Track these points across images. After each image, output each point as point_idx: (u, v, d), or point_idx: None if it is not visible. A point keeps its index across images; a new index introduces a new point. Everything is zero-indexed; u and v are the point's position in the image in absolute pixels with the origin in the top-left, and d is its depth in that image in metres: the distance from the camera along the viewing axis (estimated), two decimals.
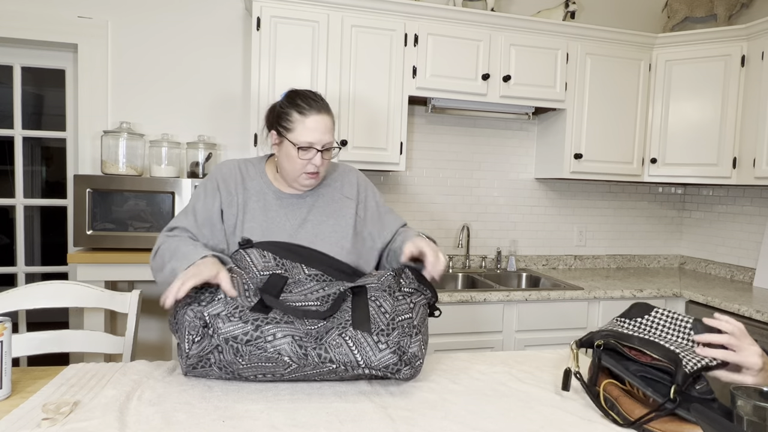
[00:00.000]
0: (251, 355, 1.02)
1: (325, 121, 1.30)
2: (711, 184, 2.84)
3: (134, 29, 2.41)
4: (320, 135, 1.29)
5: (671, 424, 0.89)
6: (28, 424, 0.87)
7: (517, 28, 2.51)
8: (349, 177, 1.45)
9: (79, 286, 1.45)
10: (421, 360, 1.10)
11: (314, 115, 1.29)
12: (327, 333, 1.06)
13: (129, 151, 2.24)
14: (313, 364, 1.03)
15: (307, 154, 1.29)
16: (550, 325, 2.36)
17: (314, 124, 1.28)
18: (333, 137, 1.33)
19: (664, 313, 1.11)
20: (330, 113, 1.33)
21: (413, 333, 1.09)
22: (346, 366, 1.04)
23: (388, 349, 1.06)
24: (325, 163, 1.33)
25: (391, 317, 1.10)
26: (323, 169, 1.33)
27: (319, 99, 1.33)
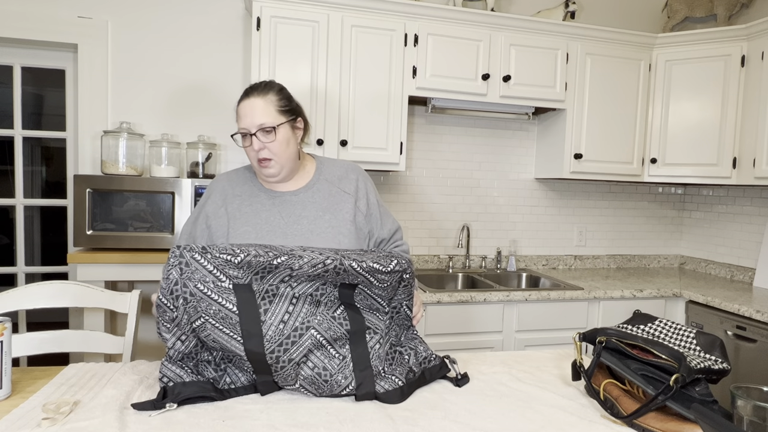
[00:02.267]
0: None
1: (253, 104, 1.26)
2: (711, 184, 2.84)
3: (134, 29, 2.41)
4: (249, 119, 1.26)
5: (671, 424, 0.89)
6: (28, 423, 0.87)
7: (517, 28, 2.51)
8: (349, 173, 1.41)
9: (79, 286, 1.45)
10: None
11: (244, 101, 1.28)
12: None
13: (129, 151, 2.24)
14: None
15: (245, 141, 1.28)
16: (550, 325, 2.36)
17: (243, 110, 1.28)
18: (269, 118, 1.26)
19: (666, 323, 1.11)
20: (264, 94, 1.28)
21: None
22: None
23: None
24: (274, 146, 1.26)
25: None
26: (276, 153, 1.27)
27: (258, 85, 1.30)
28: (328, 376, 1.06)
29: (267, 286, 1.06)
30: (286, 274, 1.06)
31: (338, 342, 1.09)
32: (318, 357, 1.07)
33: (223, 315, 1.02)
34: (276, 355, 1.03)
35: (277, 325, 1.05)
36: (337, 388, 1.06)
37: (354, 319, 1.12)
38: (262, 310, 1.04)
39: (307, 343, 1.06)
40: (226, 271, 1.03)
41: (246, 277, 1.04)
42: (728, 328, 2.24)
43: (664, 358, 0.94)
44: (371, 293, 1.14)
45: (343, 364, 1.07)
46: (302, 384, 1.06)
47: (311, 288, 1.09)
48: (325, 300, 1.11)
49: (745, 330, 2.16)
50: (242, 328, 1.02)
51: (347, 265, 1.08)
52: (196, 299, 1.01)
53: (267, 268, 1.04)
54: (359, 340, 1.11)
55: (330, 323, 1.09)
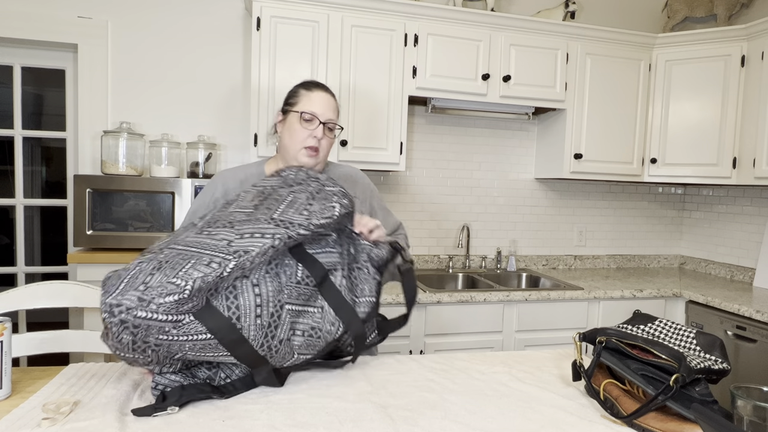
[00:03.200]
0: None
1: (329, 99, 1.36)
2: (711, 184, 2.84)
3: (134, 29, 2.41)
4: (324, 108, 1.33)
5: (671, 424, 0.89)
6: (28, 423, 0.87)
7: (517, 28, 2.51)
8: (352, 175, 1.47)
9: (79, 286, 1.45)
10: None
11: (319, 91, 1.36)
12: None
13: (129, 151, 2.24)
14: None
15: (310, 124, 1.32)
16: (550, 325, 2.36)
17: (319, 98, 1.34)
18: (337, 119, 1.37)
19: (666, 323, 1.11)
20: (335, 97, 1.39)
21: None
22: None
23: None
24: (326, 142, 1.35)
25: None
26: (324, 149, 1.35)
27: (326, 86, 1.40)
28: (318, 332, 1.06)
29: (224, 292, 0.96)
30: (238, 276, 0.98)
31: (312, 299, 1.08)
32: (302, 322, 1.06)
33: (200, 346, 0.94)
34: (267, 344, 1.01)
35: (254, 322, 0.99)
36: (330, 336, 1.06)
37: (315, 271, 1.09)
38: (235, 319, 0.96)
39: (288, 318, 1.04)
40: (180, 311, 0.89)
41: (201, 300, 0.92)
42: (728, 328, 2.24)
43: (664, 358, 0.94)
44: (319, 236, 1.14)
45: (324, 314, 1.08)
46: (300, 353, 1.05)
47: (264, 267, 1.02)
48: (282, 268, 1.05)
49: (745, 330, 2.16)
50: (225, 345, 0.96)
51: (295, 235, 1.03)
52: (165, 346, 0.91)
53: (218, 281, 0.93)
54: (328, 287, 1.10)
55: (297, 290, 1.06)
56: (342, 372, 1.18)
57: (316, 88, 1.36)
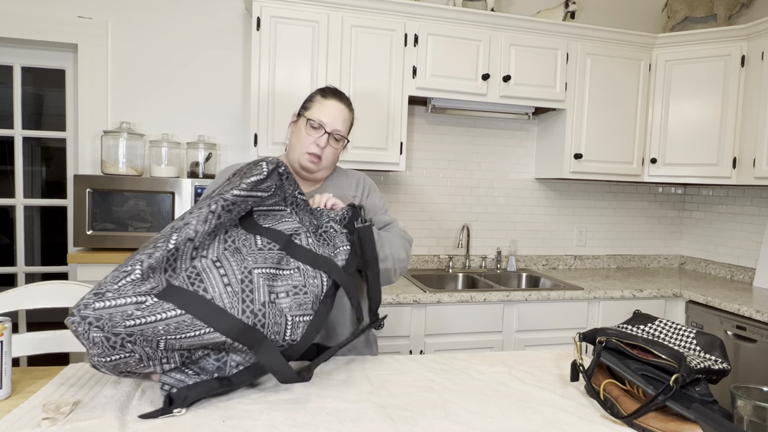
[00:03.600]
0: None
1: (341, 109, 1.37)
2: (711, 184, 2.84)
3: (134, 29, 2.41)
4: (333, 118, 1.35)
5: (671, 424, 0.89)
6: (28, 423, 0.87)
7: (517, 28, 2.51)
8: (356, 178, 1.50)
9: (79, 286, 1.45)
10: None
11: (333, 100, 1.37)
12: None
13: (129, 151, 2.24)
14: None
15: (315, 132, 1.34)
16: (550, 325, 2.36)
17: (331, 107, 1.36)
18: (345, 130, 1.39)
19: (666, 323, 1.11)
20: (350, 108, 1.41)
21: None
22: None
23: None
24: (329, 152, 1.36)
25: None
26: (327, 157, 1.36)
27: (344, 95, 1.41)
28: (302, 288, 1.06)
29: (184, 273, 0.96)
30: (190, 251, 0.97)
31: (282, 261, 1.08)
32: (281, 284, 1.05)
33: (174, 326, 0.90)
34: (249, 310, 0.97)
35: (224, 291, 0.96)
36: (317, 288, 1.07)
37: (275, 237, 1.10)
38: (202, 292, 0.95)
39: (261, 281, 1.02)
40: (139, 292, 0.89)
41: (160, 281, 0.92)
42: (728, 328, 2.24)
43: (664, 358, 0.94)
44: (267, 207, 1.14)
45: (303, 272, 1.08)
46: (293, 315, 1.03)
47: (221, 244, 1.03)
48: (240, 242, 1.06)
49: (745, 330, 2.16)
50: (201, 320, 0.92)
51: (230, 197, 1.03)
52: (137, 334, 0.88)
53: (169, 259, 0.94)
54: (294, 248, 1.11)
55: (261, 255, 1.06)
56: (342, 372, 1.18)
57: (332, 97, 1.37)
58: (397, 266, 1.33)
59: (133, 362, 0.93)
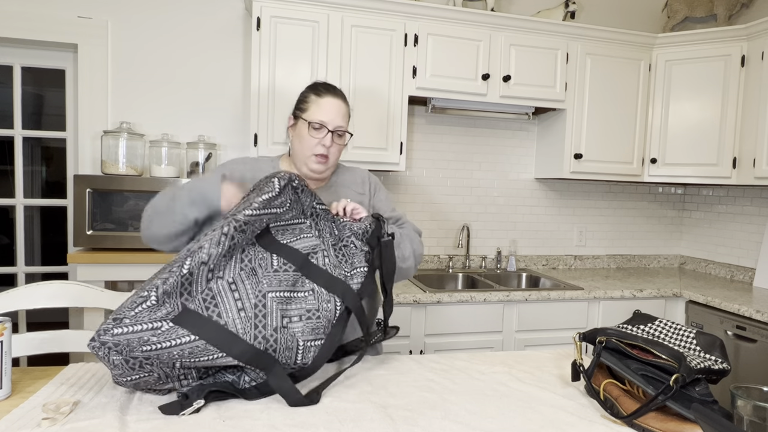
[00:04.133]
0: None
1: (339, 105, 1.36)
2: (711, 184, 2.84)
3: (134, 29, 2.41)
4: (333, 116, 1.34)
5: (671, 424, 0.89)
6: (28, 423, 0.87)
7: (517, 28, 2.51)
8: (362, 176, 1.49)
9: (79, 286, 1.45)
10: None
11: (329, 97, 1.36)
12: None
13: (129, 151, 2.24)
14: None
15: (318, 133, 1.33)
16: (550, 325, 2.36)
17: (328, 105, 1.34)
18: (346, 124, 1.38)
19: (666, 324, 1.11)
20: (346, 102, 1.39)
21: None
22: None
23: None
24: (335, 149, 1.36)
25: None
26: (333, 155, 1.36)
27: (339, 90, 1.40)
28: (316, 312, 1.05)
29: (200, 296, 0.97)
30: (205, 274, 0.98)
31: (298, 284, 1.07)
32: (294, 307, 1.04)
33: (189, 351, 0.93)
34: (261, 336, 0.98)
35: (237, 316, 0.98)
36: (330, 314, 1.07)
37: (292, 257, 1.08)
38: (216, 317, 0.96)
39: (275, 305, 1.02)
40: (155, 318, 0.91)
41: (176, 305, 0.94)
42: (728, 328, 2.24)
43: (664, 358, 0.94)
44: (285, 221, 1.12)
45: (317, 296, 1.07)
46: (305, 339, 1.03)
47: (237, 264, 1.03)
48: (257, 262, 1.05)
49: (745, 330, 2.16)
50: (214, 344, 0.94)
51: (242, 218, 1.02)
52: (154, 358, 0.92)
53: (184, 284, 0.95)
54: (310, 268, 1.09)
55: (276, 277, 1.05)
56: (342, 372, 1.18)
57: (327, 94, 1.36)
58: (418, 261, 1.38)
59: (153, 380, 0.97)
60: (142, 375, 0.94)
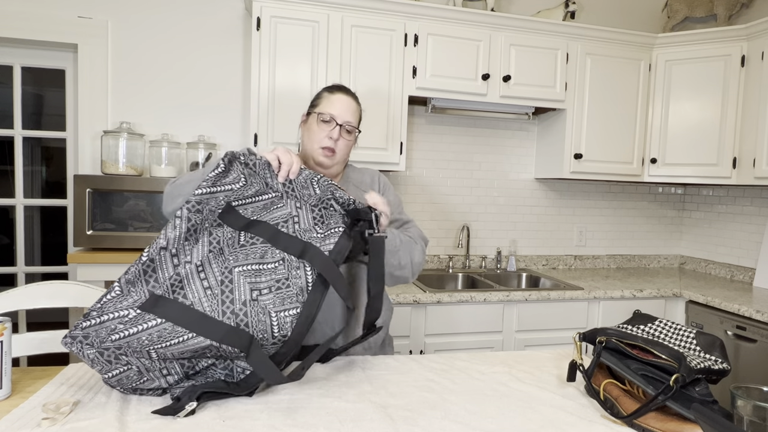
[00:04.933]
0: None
1: (349, 102, 1.39)
2: (711, 184, 2.84)
3: (134, 29, 2.41)
4: (342, 111, 1.36)
5: (671, 424, 0.89)
6: (28, 423, 0.87)
7: (517, 28, 2.51)
8: (371, 175, 1.51)
9: (79, 286, 1.45)
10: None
11: (340, 94, 1.39)
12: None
13: (129, 151, 2.24)
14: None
15: (327, 126, 1.36)
16: (550, 325, 2.36)
17: (339, 101, 1.38)
18: (356, 122, 1.40)
19: (666, 324, 1.11)
20: (357, 102, 1.42)
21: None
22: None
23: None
24: (343, 144, 1.37)
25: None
26: (341, 150, 1.37)
27: (351, 90, 1.44)
28: (285, 281, 1.02)
29: (168, 282, 0.96)
30: (169, 259, 0.97)
31: (267, 255, 1.03)
32: (264, 279, 1.01)
33: (157, 334, 0.92)
34: (230, 310, 0.96)
35: (204, 295, 0.96)
36: (300, 280, 1.02)
37: (261, 230, 1.05)
38: (182, 299, 0.95)
39: (242, 279, 0.99)
40: (121, 307, 0.93)
41: (143, 294, 0.94)
42: (728, 328, 2.24)
43: (664, 358, 0.94)
44: (251, 197, 1.09)
45: (287, 265, 1.04)
46: (278, 310, 0.99)
47: (205, 247, 1.01)
48: (225, 242, 1.03)
49: (745, 330, 2.16)
50: (181, 326, 0.93)
51: (193, 198, 1.01)
52: (125, 347, 0.92)
53: (147, 271, 0.95)
54: (280, 238, 1.06)
55: (243, 251, 1.03)
56: (342, 372, 1.18)
57: (339, 91, 1.40)
58: (415, 270, 1.36)
59: (134, 375, 0.95)
60: (121, 369, 0.94)
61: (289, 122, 2.25)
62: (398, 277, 1.34)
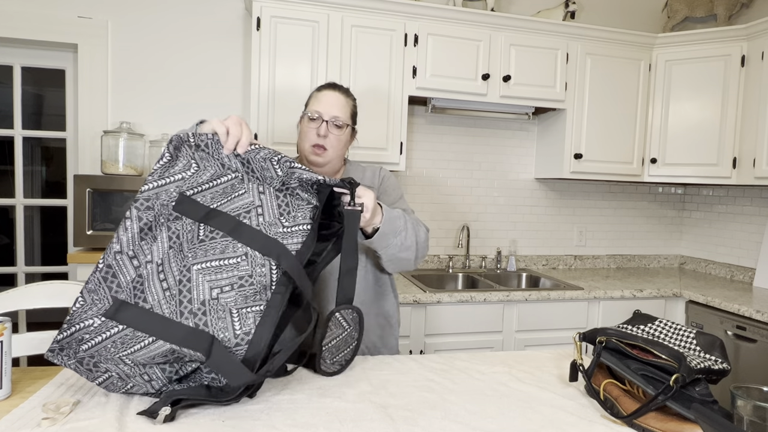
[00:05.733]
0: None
1: (336, 97, 1.39)
2: (711, 184, 2.84)
3: (134, 29, 2.41)
4: (329, 107, 1.37)
5: (671, 424, 0.89)
6: (28, 423, 0.87)
7: (517, 28, 2.51)
8: (373, 171, 1.50)
9: (79, 286, 1.45)
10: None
11: (327, 90, 1.40)
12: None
13: (129, 151, 2.24)
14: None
15: (314, 123, 1.36)
16: (550, 325, 2.36)
17: (326, 97, 1.38)
18: (345, 116, 1.39)
19: (666, 324, 1.11)
20: (348, 96, 1.42)
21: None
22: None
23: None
24: (333, 140, 1.37)
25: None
26: (331, 146, 1.37)
27: (341, 85, 1.44)
28: (248, 278, 0.96)
29: (131, 285, 0.94)
30: (128, 262, 0.95)
31: (228, 249, 0.97)
32: (225, 276, 0.95)
33: (120, 341, 0.91)
34: (188, 310, 0.93)
35: (163, 296, 0.93)
36: (264, 278, 0.97)
37: (220, 222, 0.99)
38: (142, 302, 0.93)
39: (200, 278, 0.95)
40: (85, 317, 0.92)
41: (106, 300, 0.93)
42: (728, 328, 2.24)
43: (664, 358, 0.95)
44: (207, 183, 1.02)
45: (251, 261, 0.97)
46: (240, 308, 0.94)
47: (165, 243, 0.96)
48: (184, 236, 0.97)
49: (745, 330, 2.16)
50: (141, 331, 0.91)
51: (140, 196, 0.97)
52: (96, 355, 0.92)
53: (107, 278, 0.93)
54: (242, 231, 0.99)
55: (203, 247, 0.97)
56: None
57: (326, 89, 1.41)
58: (420, 254, 1.33)
59: (118, 382, 0.96)
60: (103, 377, 0.94)
61: (290, 122, 2.25)
62: (402, 259, 1.30)
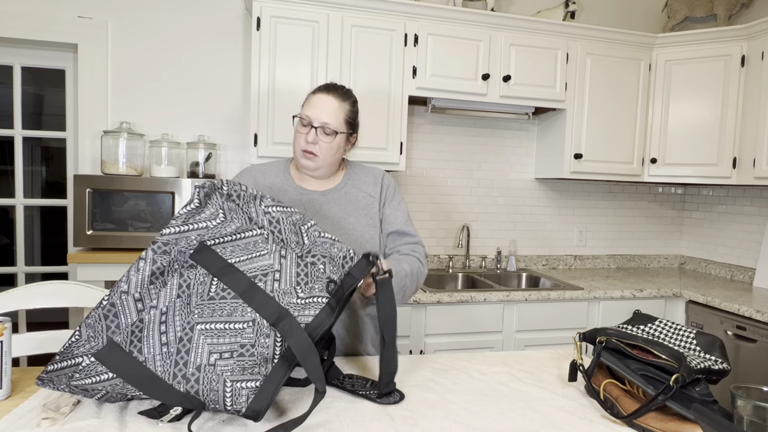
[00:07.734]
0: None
1: (328, 101, 1.32)
2: (711, 184, 2.84)
3: (134, 29, 2.41)
4: (319, 112, 1.31)
5: (671, 424, 0.89)
6: (28, 423, 0.87)
7: (517, 28, 2.51)
8: (375, 175, 1.45)
9: (79, 286, 1.45)
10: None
11: (320, 94, 1.34)
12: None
13: (129, 151, 2.24)
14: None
15: (305, 128, 1.32)
16: (550, 325, 2.36)
17: (317, 101, 1.32)
18: (336, 122, 1.31)
19: (666, 324, 1.11)
20: (342, 99, 1.34)
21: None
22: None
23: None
24: (323, 146, 1.31)
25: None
26: (322, 152, 1.31)
27: (337, 86, 1.36)
28: (250, 348, 0.89)
29: (129, 329, 0.91)
30: (132, 304, 0.92)
31: (236, 313, 0.92)
32: (226, 341, 0.90)
33: (110, 387, 0.89)
34: (181, 374, 0.88)
35: (159, 352, 0.89)
36: (267, 351, 0.89)
37: (234, 282, 0.94)
38: (137, 353, 0.89)
39: (202, 339, 0.89)
40: (77, 354, 0.90)
41: (101, 340, 0.90)
42: (728, 328, 2.24)
43: (664, 358, 0.95)
44: (230, 236, 0.98)
45: (257, 329, 0.91)
46: (234, 380, 0.87)
47: (174, 290, 0.93)
48: (194, 288, 0.93)
49: (745, 330, 2.16)
50: (132, 384, 0.88)
51: (160, 239, 0.94)
52: (85, 391, 0.91)
53: (108, 316, 0.91)
54: (255, 294, 0.93)
55: (211, 306, 0.92)
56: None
57: (320, 91, 1.34)
58: (407, 299, 1.31)
59: (117, 395, 0.93)
60: (100, 394, 0.92)
61: (289, 122, 2.25)
62: (401, 302, 1.29)
